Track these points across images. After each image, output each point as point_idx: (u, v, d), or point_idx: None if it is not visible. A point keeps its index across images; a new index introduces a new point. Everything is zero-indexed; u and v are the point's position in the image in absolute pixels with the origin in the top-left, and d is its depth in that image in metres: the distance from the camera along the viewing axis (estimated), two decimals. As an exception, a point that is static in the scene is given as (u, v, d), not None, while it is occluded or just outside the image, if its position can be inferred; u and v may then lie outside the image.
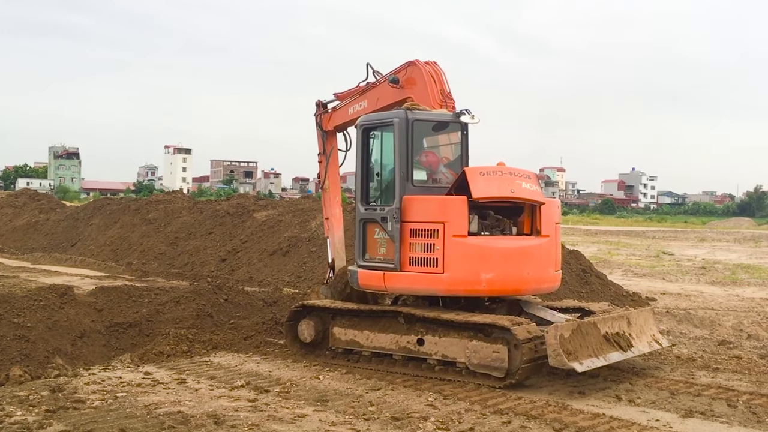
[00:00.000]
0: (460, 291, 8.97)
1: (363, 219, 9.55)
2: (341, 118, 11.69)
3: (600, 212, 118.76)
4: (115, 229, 24.62)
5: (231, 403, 7.51)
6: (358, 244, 9.60)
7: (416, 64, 10.05)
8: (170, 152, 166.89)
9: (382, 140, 9.79)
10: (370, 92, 10.89)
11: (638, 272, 22.48)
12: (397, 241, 9.01)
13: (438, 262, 8.78)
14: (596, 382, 8.76)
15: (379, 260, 9.31)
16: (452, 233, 8.73)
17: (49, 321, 10.06)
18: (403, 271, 8.99)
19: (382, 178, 9.69)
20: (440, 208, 8.93)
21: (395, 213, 9.06)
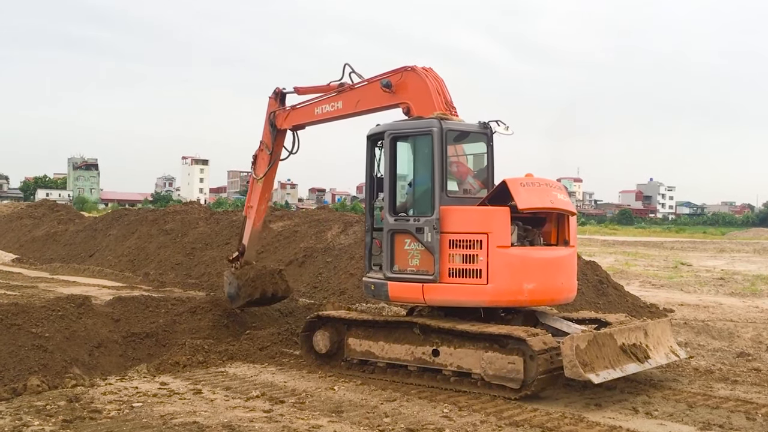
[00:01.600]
0: (503, 302, 9.00)
1: (392, 230, 9.29)
2: (304, 117, 11.31)
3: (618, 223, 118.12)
4: (133, 239, 24.76)
5: (246, 413, 7.52)
6: (386, 256, 9.29)
7: (415, 70, 9.79)
8: (188, 163, 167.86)
9: (415, 149, 9.53)
10: (349, 93, 10.56)
11: (656, 283, 22.30)
12: (436, 253, 8.85)
13: (482, 273, 8.72)
14: (613, 394, 8.70)
15: (412, 272, 9.09)
16: (496, 244, 8.72)
17: (66, 331, 10.14)
18: (443, 282, 8.86)
19: (415, 188, 9.45)
20: (484, 218, 8.88)
21: (435, 224, 8.90)
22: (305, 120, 11.35)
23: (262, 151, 12.00)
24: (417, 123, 9.38)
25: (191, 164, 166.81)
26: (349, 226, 20.37)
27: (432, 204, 9.01)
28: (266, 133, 11.87)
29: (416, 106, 9.67)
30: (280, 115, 11.65)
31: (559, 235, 9.38)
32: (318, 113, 11.08)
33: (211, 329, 11.43)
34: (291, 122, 11.52)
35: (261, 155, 12.01)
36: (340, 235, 19.91)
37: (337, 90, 10.82)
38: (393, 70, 10.05)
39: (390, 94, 9.96)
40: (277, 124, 11.72)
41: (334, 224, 20.80)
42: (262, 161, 12.00)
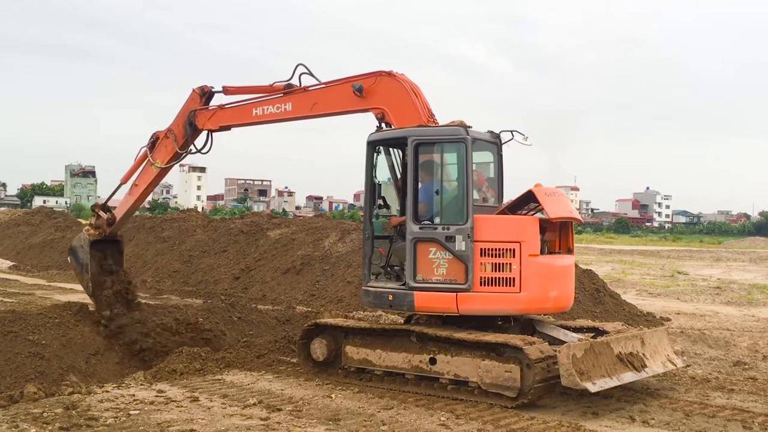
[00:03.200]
0: (533, 309, 9.12)
1: (417, 238, 9.03)
2: (236, 118, 10.88)
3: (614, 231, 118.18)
4: (130, 247, 24.70)
5: (243, 421, 7.52)
6: (409, 265, 9.04)
7: (393, 76, 9.59)
8: (185, 171, 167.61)
9: (442, 157, 9.32)
10: (302, 95, 10.22)
11: (652, 292, 22.33)
12: (470, 261, 8.76)
13: (515, 282, 8.73)
14: (610, 402, 8.71)
15: (439, 281, 8.91)
16: (528, 252, 8.77)
17: (63, 338, 10.15)
18: (476, 291, 8.78)
19: (442, 196, 9.24)
20: (518, 227, 8.93)
21: (469, 232, 8.80)
22: (238, 121, 10.89)
23: (167, 139, 11.40)
24: (444, 130, 9.18)
25: (188, 172, 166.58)
26: (346, 234, 20.40)
27: (465, 212, 8.89)
28: (179, 126, 11.31)
29: (394, 112, 9.48)
30: (203, 115, 11.11)
31: (563, 243, 9.41)
32: (257, 114, 10.62)
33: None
34: (218, 123, 11.02)
35: (165, 142, 11.41)
36: (338, 243, 19.94)
37: (284, 91, 10.39)
38: (364, 74, 9.77)
39: (359, 99, 9.66)
40: (197, 123, 11.17)
41: (331, 232, 20.83)
42: (164, 149, 11.44)
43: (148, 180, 11.64)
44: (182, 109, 11.44)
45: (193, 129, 11.21)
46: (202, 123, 11.14)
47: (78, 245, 11.87)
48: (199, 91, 11.31)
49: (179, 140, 11.34)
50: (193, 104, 11.29)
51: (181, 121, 11.32)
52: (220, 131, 11.19)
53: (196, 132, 11.21)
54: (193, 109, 11.25)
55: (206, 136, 11.36)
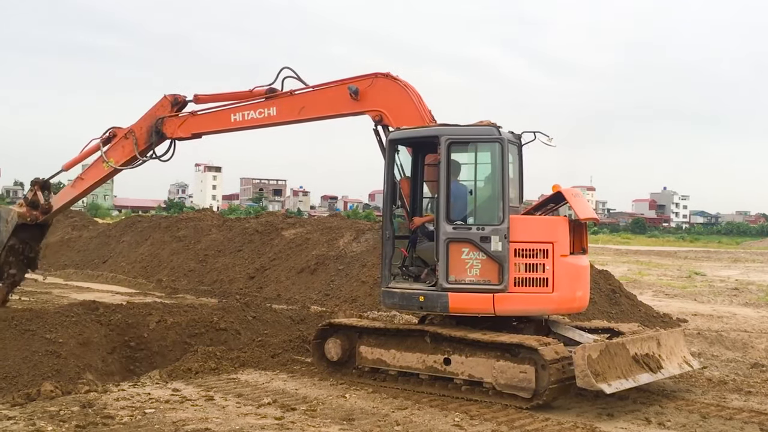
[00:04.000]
0: (564, 309, 9.22)
1: (450, 239, 8.94)
2: (211, 125, 10.54)
3: (631, 232, 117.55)
4: (146, 246, 24.89)
5: (258, 420, 7.54)
6: (442, 266, 8.91)
7: (391, 77, 9.47)
8: (200, 170, 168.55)
9: (476, 156, 9.19)
10: (288, 100, 10.02)
11: (669, 293, 22.19)
12: (506, 262, 8.72)
13: (548, 282, 8.78)
14: (625, 404, 8.66)
15: (472, 282, 8.83)
16: (560, 253, 8.85)
17: (80, 337, 10.20)
18: (511, 292, 8.75)
19: (476, 196, 9.18)
20: (551, 228, 9.01)
21: (506, 232, 8.76)
22: (214, 128, 10.55)
23: (126, 140, 10.90)
24: (477, 129, 9.11)
25: (204, 171, 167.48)
26: (361, 234, 20.41)
27: (500, 213, 8.85)
28: (142, 130, 10.85)
29: (394, 114, 9.37)
30: (172, 122, 10.69)
31: (578, 243, 9.38)
32: (237, 120, 10.31)
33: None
34: (190, 130, 10.65)
35: (124, 143, 10.92)
36: (352, 243, 19.95)
37: (266, 96, 10.13)
38: (359, 76, 9.63)
39: (354, 101, 9.49)
40: (166, 131, 10.75)
41: (346, 232, 20.84)
42: (121, 149, 10.96)
43: (96, 177, 11.23)
44: (149, 112, 11.01)
45: (159, 137, 10.80)
46: (171, 131, 10.74)
47: (3, 217, 11.39)
48: (171, 99, 10.93)
49: (140, 144, 10.95)
50: (162, 111, 10.90)
51: (145, 125, 10.88)
52: (190, 139, 10.78)
53: (161, 139, 10.83)
54: (161, 116, 10.83)
55: (170, 143, 11.01)
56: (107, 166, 11.01)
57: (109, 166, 10.98)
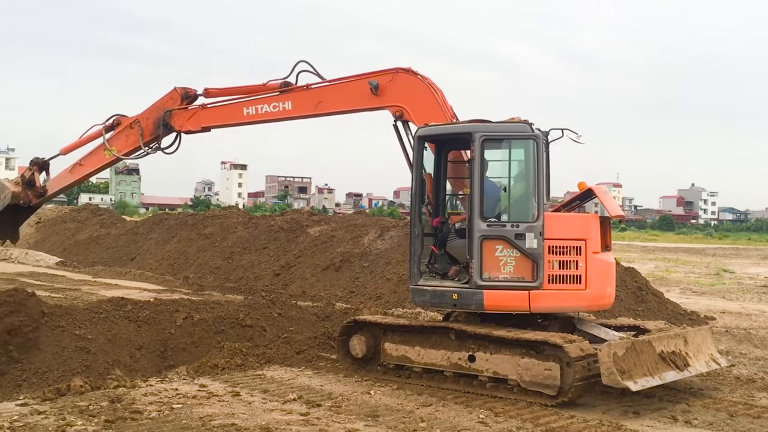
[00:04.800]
0: (596, 306, 9.26)
1: (484, 236, 8.88)
2: (223, 118, 10.37)
3: (658, 229, 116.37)
4: (173, 243, 25.12)
5: (283, 416, 7.60)
6: (476, 263, 8.86)
7: (413, 73, 9.38)
8: (227, 168, 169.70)
9: (510, 153, 9.14)
10: (304, 94, 9.89)
11: (697, 290, 21.97)
12: (541, 259, 8.71)
13: (581, 279, 8.83)
14: (651, 402, 8.60)
15: (506, 279, 8.80)
16: (592, 250, 8.89)
17: (109, 333, 10.34)
18: (545, 289, 8.76)
19: (510, 193, 9.16)
20: (584, 225, 9.06)
21: (541, 230, 8.75)
22: (226, 121, 10.40)
23: (131, 129, 10.74)
24: (512, 126, 9.04)
25: (230, 169, 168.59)
26: (385, 231, 20.44)
27: (535, 210, 8.85)
28: (150, 121, 10.68)
29: (415, 110, 9.28)
30: (181, 115, 10.53)
31: (602, 240, 9.35)
32: (249, 114, 10.16)
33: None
34: (200, 123, 10.48)
35: (128, 132, 10.76)
36: (377, 240, 19.99)
37: (281, 90, 9.98)
38: (379, 71, 9.53)
39: (374, 97, 9.37)
40: (174, 124, 10.60)
41: (370, 229, 20.88)
42: (125, 139, 10.81)
43: (96, 164, 11.03)
44: (156, 103, 10.82)
45: (167, 129, 10.61)
46: (180, 124, 10.56)
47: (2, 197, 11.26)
48: (182, 92, 10.76)
49: (145, 135, 10.76)
50: (171, 103, 10.73)
51: (152, 116, 10.70)
52: (199, 133, 10.60)
53: (168, 132, 10.64)
54: (170, 108, 10.65)
55: (175, 136, 10.82)
56: (108, 154, 10.82)
57: (111, 154, 10.78)
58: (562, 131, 9.43)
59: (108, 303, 11.54)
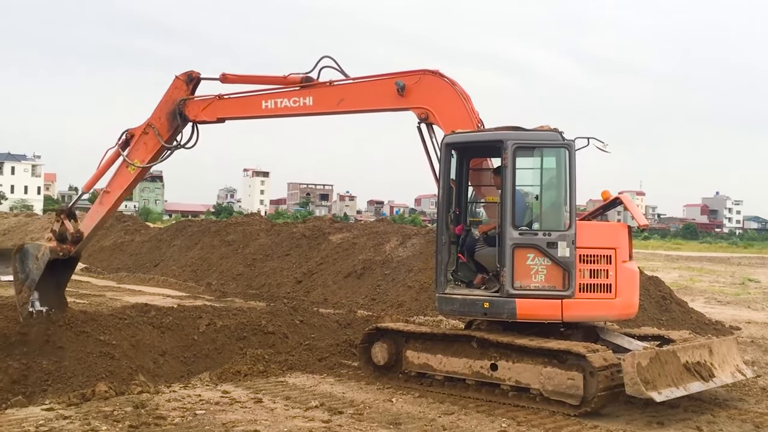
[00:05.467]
0: (624, 315, 9.29)
1: (516, 244, 8.82)
2: (240, 110, 10.07)
3: (682, 237, 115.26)
4: (196, 250, 25.30)
5: (306, 423, 7.62)
6: (508, 271, 8.77)
7: (440, 75, 9.28)
8: (249, 175, 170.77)
9: (542, 161, 9.10)
10: (327, 90, 9.70)
11: (722, 300, 21.73)
12: (574, 268, 8.70)
13: (612, 288, 8.85)
14: (676, 412, 8.52)
15: (537, 288, 8.75)
16: (621, 259, 8.94)
17: (132, 339, 10.43)
18: (577, 298, 8.75)
19: (542, 201, 9.14)
20: (614, 234, 9.15)
21: (573, 239, 8.73)
22: (243, 114, 10.10)
23: (146, 135, 10.22)
24: (543, 134, 9.00)
25: (252, 176, 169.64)
26: (407, 239, 20.44)
27: (568, 218, 8.85)
28: (163, 118, 10.21)
29: (441, 114, 9.19)
30: (196, 105, 10.15)
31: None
32: (268, 108, 9.84)
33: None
34: (216, 114, 10.10)
35: (144, 139, 10.23)
36: (399, 248, 20.00)
37: (302, 84, 9.71)
38: (407, 71, 9.42)
39: (400, 97, 9.25)
40: (188, 114, 10.13)
41: (392, 236, 20.90)
42: (144, 146, 10.25)
43: (123, 184, 10.37)
44: (164, 99, 10.38)
45: (183, 119, 10.16)
46: (195, 114, 10.14)
47: (33, 253, 10.13)
48: (184, 78, 10.30)
49: (163, 134, 10.27)
50: (179, 93, 10.30)
51: (163, 113, 10.27)
52: (214, 123, 10.22)
53: (185, 122, 10.24)
54: (183, 98, 10.24)
55: (192, 129, 10.41)
56: (132, 169, 10.29)
57: (135, 168, 10.28)
58: (587, 140, 9.33)
59: (132, 309, 11.67)
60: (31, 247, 10.17)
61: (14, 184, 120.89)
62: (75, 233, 10.16)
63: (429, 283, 17.19)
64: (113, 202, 10.37)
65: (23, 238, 34.71)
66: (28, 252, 10.12)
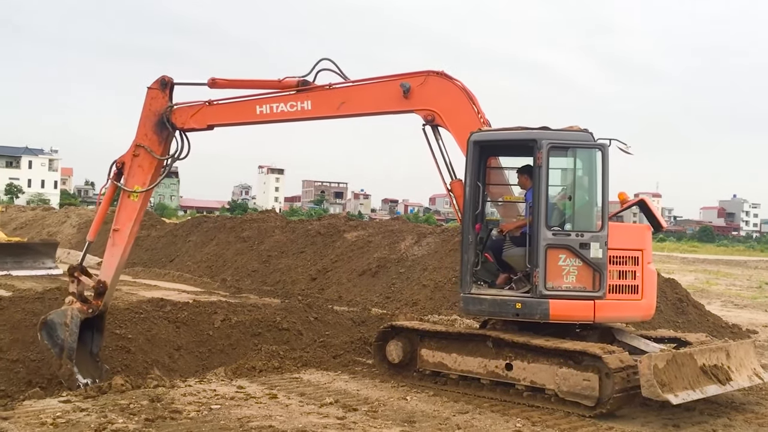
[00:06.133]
0: (647, 316, 9.38)
1: (549, 245, 8.74)
2: (232, 116, 9.65)
3: (698, 240, 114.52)
4: (211, 246, 25.39)
5: (320, 419, 7.63)
6: (541, 272, 8.69)
7: (449, 77, 9.16)
8: (264, 172, 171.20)
9: (576, 161, 9.06)
10: (327, 93, 9.43)
11: (739, 303, 21.57)
12: (605, 269, 8.68)
13: (638, 289, 8.93)
14: (692, 415, 8.47)
15: (569, 289, 8.70)
16: (647, 260, 9.03)
17: (148, 333, 10.50)
18: (607, 299, 8.75)
19: (575, 202, 9.04)
20: (641, 236, 9.23)
21: (606, 240, 8.70)
22: (236, 120, 9.71)
23: (137, 157, 9.61)
24: (576, 135, 8.94)
25: (267, 173, 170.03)
26: (422, 238, 20.42)
27: (600, 219, 8.82)
28: (150, 133, 9.62)
29: (448, 115, 9.08)
30: (184, 111, 9.64)
31: None
32: (263, 113, 9.52)
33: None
34: (206, 121, 9.65)
35: (138, 162, 9.62)
36: (414, 246, 19.98)
37: (298, 88, 9.45)
38: (410, 72, 9.23)
39: (404, 99, 9.08)
40: (176, 122, 9.60)
41: (407, 235, 20.89)
42: (140, 170, 9.63)
43: (131, 215, 9.65)
44: (143, 114, 9.78)
45: (172, 126, 9.62)
46: (183, 121, 9.64)
47: (59, 321, 9.14)
48: (158, 86, 9.73)
49: (156, 149, 9.68)
50: (157, 103, 9.75)
51: (148, 129, 9.70)
52: (204, 131, 9.75)
53: (171, 134, 9.71)
54: (168, 105, 9.69)
55: (180, 138, 9.83)
56: (136, 197, 9.61)
57: (137, 195, 9.61)
58: (609, 141, 9.26)
59: (148, 303, 11.74)
60: (56, 315, 9.22)
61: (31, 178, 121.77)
62: (97, 286, 9.40)
63: (444, 282, 17.17)
64: (126, 238, 9.63)
65: (40, 232, 34.99)
66: (54, 322, 9.17)
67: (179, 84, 9.90)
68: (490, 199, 10.25)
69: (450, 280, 17.00)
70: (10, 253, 21.90)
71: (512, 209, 10.55)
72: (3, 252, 21.68)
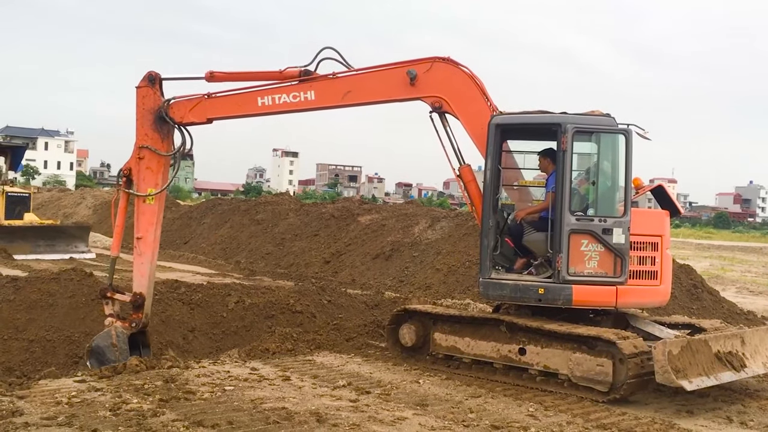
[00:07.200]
0: (665, 301, 9.42)
1: (573, 230, 8.70)
2: (233, 108, 9.47)
3: (713, 226, 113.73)
4: (225, 228, 25.50)
5: (333, 402, 7.66)
6: (564, 257, 8.64)
7: (456, 63, 9.03)
8: (278, 155, 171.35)
9: (599, 146, 8.97)
10: (331, 82, 9.27)
11: (754, 290, 21.45)
12: (627, 254, 8.66)
13: (657, 275, 8.96)
14: (705, 401, 8.44)
15: (591, 274, 8.68)
16: (666, 246, 9.06)
17: (162, 315, 10.57)
18: (628, 285, 8.75)
19: (598, 187, 8.98)
20: (660, 221, 9.23)
21: (628, 225, 8.67)
22: (237, 112, 9.56)
23: (143, 160, 9.39)
24: (600, 119, 8.86)
25: (281, 156, 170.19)
26: (436, 222, 20.41)
27: (623, 205, 8.79)
28: (150, 132, 9.41)
29: (456, 102, 8.97)
30: (182, 105, 9.45)
31: None
32: (265, 104, 9.35)
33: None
34: (206, 114, 9.46)
35: (145, 164, 9.40)
36: (428, 230, 19.98)
37: (300, 78, 9.30)
38: (415, 59, 9.09)
39: (411, 87, 8.97)
40: (174, 116, 9.42)
41: (421, 219, 20.88)
42: (149, 171, 9.40)
43: (151, 221, 9.47)
44: (138, 115, 9.54)
45: (172, 120, 9.45)
46: (181, 115, 9.47)
47: (106, 344, 9.08)
48: (146, 83, 9.49)
49: (159, 146, 9.47)
50: (150, 100, 9.48)
51: (147, 128, 9.48)
52: (203, 124, 9.57)
53: (171, 130, 9.53)
54: (165, 100, 9.47)
55: (181, 132, 9.64)
56: (151, 200, 9.44)
57: (152, 198, 9.43)
58: (627, 126, 9.18)
59: (162, 285, 11.80)
60: (100, 339, 9.11)
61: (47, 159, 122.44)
62: (134, 299, 9.26)
63: (457, 266, 17.17)
64: (151, 244, 9.41)
65: (56, 213, 35.21)
66: (101, 347, 9.06)
67: (172, 79, 9.63)
68: (504, 183, 10.19)
69: (464, 264, 17.00)
70: (43, 236, 21.54)
71: (526, 194, 10.51)
72: (36, 235, 21.39)
